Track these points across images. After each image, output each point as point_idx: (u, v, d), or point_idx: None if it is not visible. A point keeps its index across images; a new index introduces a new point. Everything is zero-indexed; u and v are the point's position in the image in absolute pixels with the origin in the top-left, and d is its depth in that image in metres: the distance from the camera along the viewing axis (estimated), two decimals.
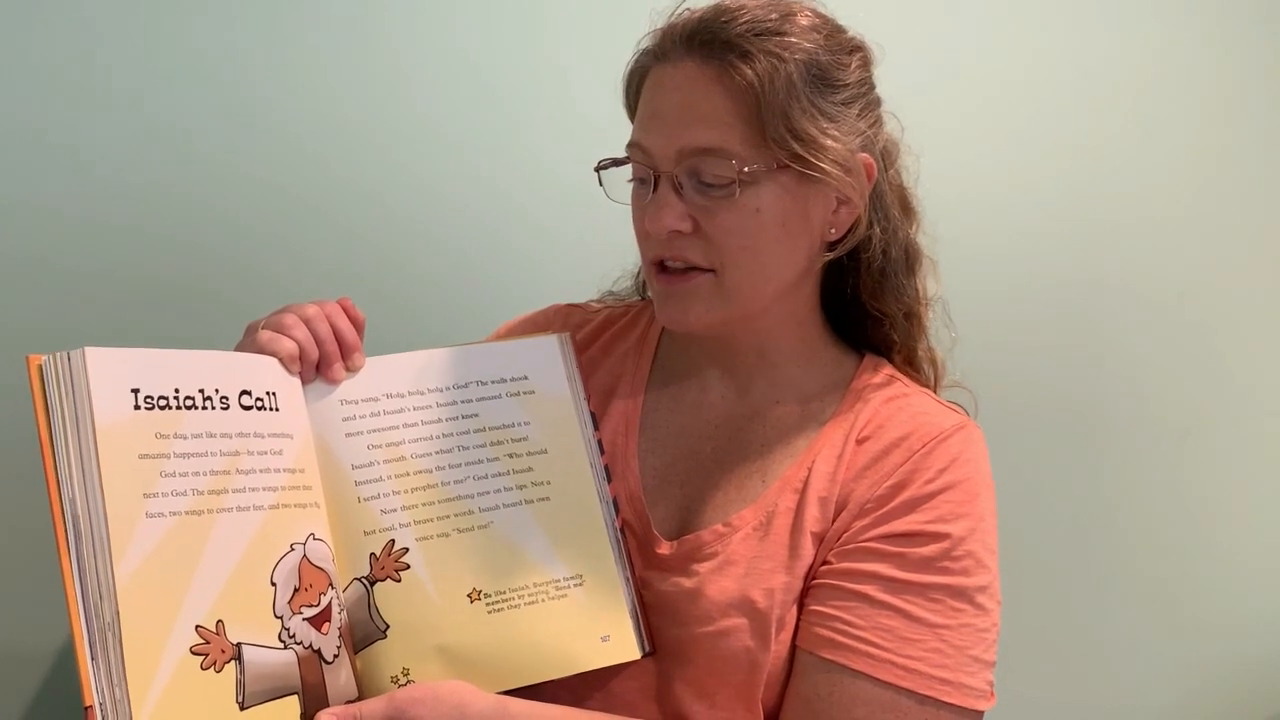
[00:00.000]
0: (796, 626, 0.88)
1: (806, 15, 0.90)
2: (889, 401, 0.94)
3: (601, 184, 0.96)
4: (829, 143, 0.87)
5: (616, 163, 0.95)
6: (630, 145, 0.92)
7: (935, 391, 1.02)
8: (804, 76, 0.87)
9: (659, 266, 0.92)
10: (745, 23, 0.86)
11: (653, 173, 0.89)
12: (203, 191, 1.29)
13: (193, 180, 1.29)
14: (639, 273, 1.11)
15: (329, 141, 1.33)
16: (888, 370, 0.99)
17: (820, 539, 0.89)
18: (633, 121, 0.95)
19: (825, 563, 0.88)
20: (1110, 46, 1.53)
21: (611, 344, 1.07)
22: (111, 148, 1.26)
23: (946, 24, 1.49)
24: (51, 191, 1.24)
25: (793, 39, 0.87)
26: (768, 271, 0.90)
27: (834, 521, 0.89)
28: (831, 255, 0.95)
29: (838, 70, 0.89)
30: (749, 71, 0.85)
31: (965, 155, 1.48)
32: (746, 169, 0.86)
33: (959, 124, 1.48)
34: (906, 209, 1.00)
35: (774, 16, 0.88)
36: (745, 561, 0.89)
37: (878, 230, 0.95)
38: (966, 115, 1.49)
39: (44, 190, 1.24)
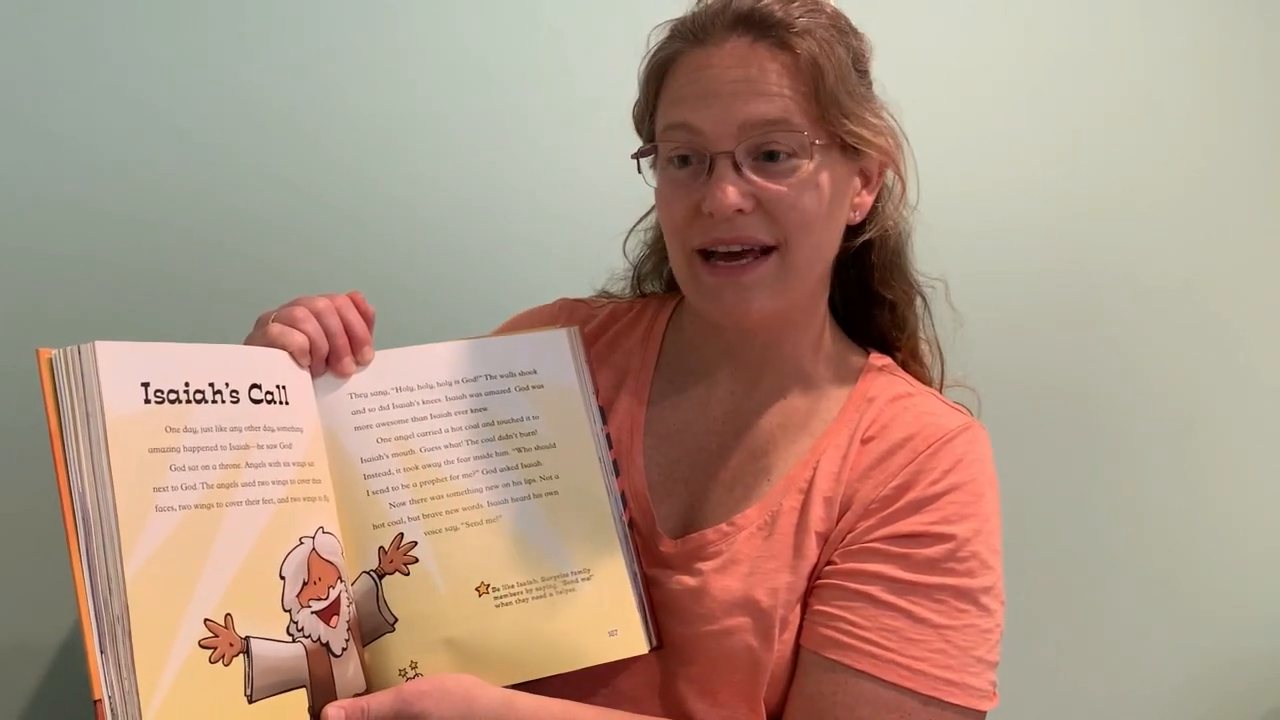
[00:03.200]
0: (800, 626, 0.88)
1: (828, 5, 0.91)
2: (894, 401, 0.94)
3: (640, 171, 0.95)
4: (874, 121, 0.89)
5: (654, 149, 0.93)
6: (674, 127, 0.90)
7: (939, 382, 1.03)
8: (848, 60, 0.88)
9: (704, 256, 0.90)
10: (796, 4, 0.87)
11: (706, 152, 0.88)
12: (209, 185, 1.29)
13: (199, 173, 1.29)
14: (634, 275, 1.10)
15: (335, 135, 1.33)
16: (893, 368, 0.99)
17: (825, 539, 0.89)
18: (650, 115, 0.94)
19: (830, 563, 0.89)
20: (1116, 36, 1.52)
21: (616, 340, 1.06)
22: (118, 141, 1.26)
23: (948, 10, 1.48)
24: (58, 185, 1.24)
25: (835, 25, 0.89)
26: (820, 251, 0.91)
27: (838, 521, 0.89)
28: (863, 237, 0.96)
29: (864, 57, 0.92)
30: (809, 46, 0.86)
31: (968, 147, 1.47)
32: (816, 141, 0.86)
33: (962, 115, 1.47)
34: (904, 191, 1.00)
35: (810, 3, 0.89)
36: (749, 561, 0.89)
37: (891, 211, 0.97)
38: (969, 106, 1.49)
39: (50, 184, 1.24)
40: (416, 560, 0.86)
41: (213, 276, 1.29)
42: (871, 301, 1.00)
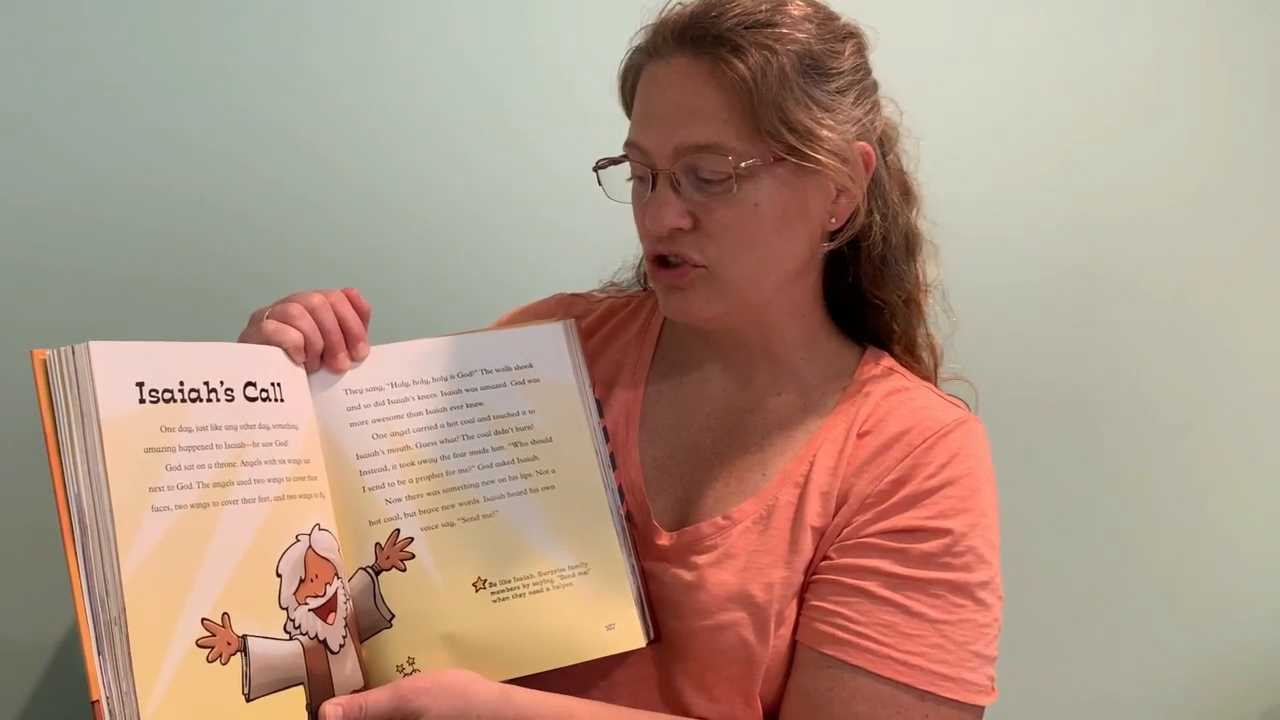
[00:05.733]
0: (796, 621, 0.88)
1: (798, 5, 0.89)
2: (890, 395, 0.94)
3: (600, 184, 0.96)
4: (824, 133, 0.87)
5: (614, 161, 0.94)
6: (627, 145, 0.92)
7: (935, 379, 1.02)
8: (797, 67, 0.86)
9: (659, 261, 0.92)
10: (735, 16, 0.86)
11: (650, 171, 0.89)
12: (202, 189, 1.29)
13: (192, 178, 1.28)
14: (640, 264, 1.11)
15: (327, 138, 1.32)
16: (888, 363, 0.99)
17: (821, 534, 0.89)
18: (630, 118, 0.94)
19: (826, 558, 0.88)
20: (1112, 39, 1.51)
21: (613, 334, 1.06)
22: (109, 146, 1.25)
23: (947, 14, 1.47)
24: (49, 190, 1.24)
25: (784, 30, 0.86)
26: (768, 264, 0.90)
27: (835, 516, 0.89)
28: (832, 245, 0.94)
29: (831, 59, 0.89)
30: (740, 65, 0.84)
31: (965, 148, 1.46)
32: (743, 164, 0.85)
33: (958, 116, 1.46)
34: (906, 194, 0.99)
35: (765, 8, 0.87)
36: (745, 555, 0.89)
37: (878, 218, 0.95)
38: (965, 107, 1.48)
39: (42, 189, 1.24)
40: (413, 556, 0.87)
41: (203, 281, 1.29)
42: (864, 301, 1.00)
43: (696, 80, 0.86)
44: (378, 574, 0.86)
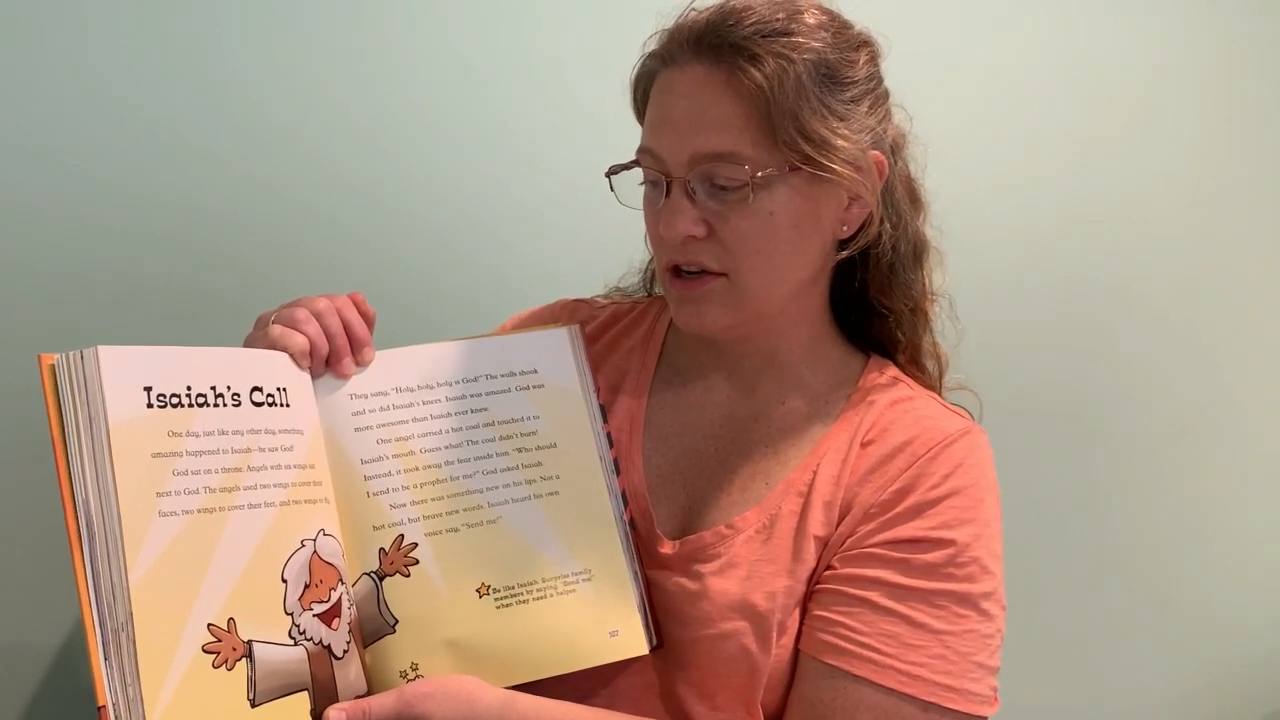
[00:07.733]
0: (799, 631, 0.89)
1: (813, 13, 0.89)
2: (894, 405, 0.94)
3: (613, 189, 0.95)
4: (840, 142, 0.87)
5: (626, 167, 0.94)
6: (641, 151, 0.92)
7: (939, 389, 1.03)
8: (813, 76, 0.86)
9: (674, 271, 0.92)
10: (752, 24, 0.86)
11: (665, 178, 0.89)
12: (203, 192, 1.28)
13: (193, 181, 1.28)
14: (646, 269, 1.11)
15: (327, 140, 1.32)
16: (893, 372, 0.99)
17: (824, 543, 0.90)
18: (641, 124, 0.94)
19: (829, 567, 0.89)
20: (1114, 45, 1.52)
21: (617, 340, 1.06)
22: (106, 149, 1.24)
23: (950, 20, 1.48)
24: (48, 194, 1.23)
25: (800, 39, 0.86)
26: (781, 273, 0.90)
27: (838, 526, 0.89)
28: (844, 254, 0.95)
29: (846, 68, 0.89)
30: (758, 74, 0.84)
31: (966, 153, 1.47)
32: (759, 173, 0.85)
33: (960, 122, 1.47)
34: (914, 200, 0.99)
35: (781, 16, 0.87)
36: (747, 564, 0.90)
37: (888, 226, 0.95)
38: (967, 113, 1.49)
39: (45, 193, 1.23)
40: (417, 561, 0.87)
41: (204, 285, 1.28)
42: (870, 309, 1.00)
43: (713, 88, 0.86)
44: (382, 579, 0.86)
